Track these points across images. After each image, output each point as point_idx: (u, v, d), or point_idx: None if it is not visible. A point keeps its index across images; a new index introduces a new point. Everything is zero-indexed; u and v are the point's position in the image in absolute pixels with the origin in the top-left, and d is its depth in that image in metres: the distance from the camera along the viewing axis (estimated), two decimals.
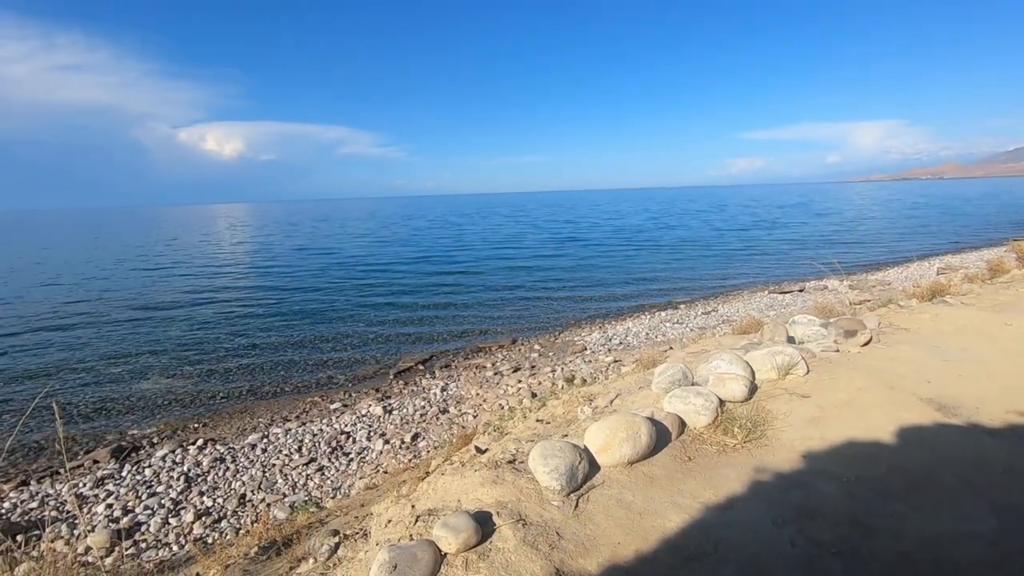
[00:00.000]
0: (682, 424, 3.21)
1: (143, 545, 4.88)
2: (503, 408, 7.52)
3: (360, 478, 6.00)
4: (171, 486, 5.86)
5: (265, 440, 6.86)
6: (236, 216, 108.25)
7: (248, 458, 6.41)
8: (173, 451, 6.69)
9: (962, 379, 3.89)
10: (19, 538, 4.94)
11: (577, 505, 2.51)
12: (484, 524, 2.32)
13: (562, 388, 7.60)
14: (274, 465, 6.26)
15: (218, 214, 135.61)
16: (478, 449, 3.43)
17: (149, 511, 5.40)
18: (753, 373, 3.80)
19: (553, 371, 8.98)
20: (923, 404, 3.47)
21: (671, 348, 8.96)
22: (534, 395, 7.81)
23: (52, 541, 4.99)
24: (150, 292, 18.06)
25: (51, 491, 5.83)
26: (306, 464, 6.26)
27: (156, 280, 20.96)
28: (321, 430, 7.09)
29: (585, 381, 7.20)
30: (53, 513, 5.45)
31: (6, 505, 5.56)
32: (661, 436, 3.01)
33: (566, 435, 3.32)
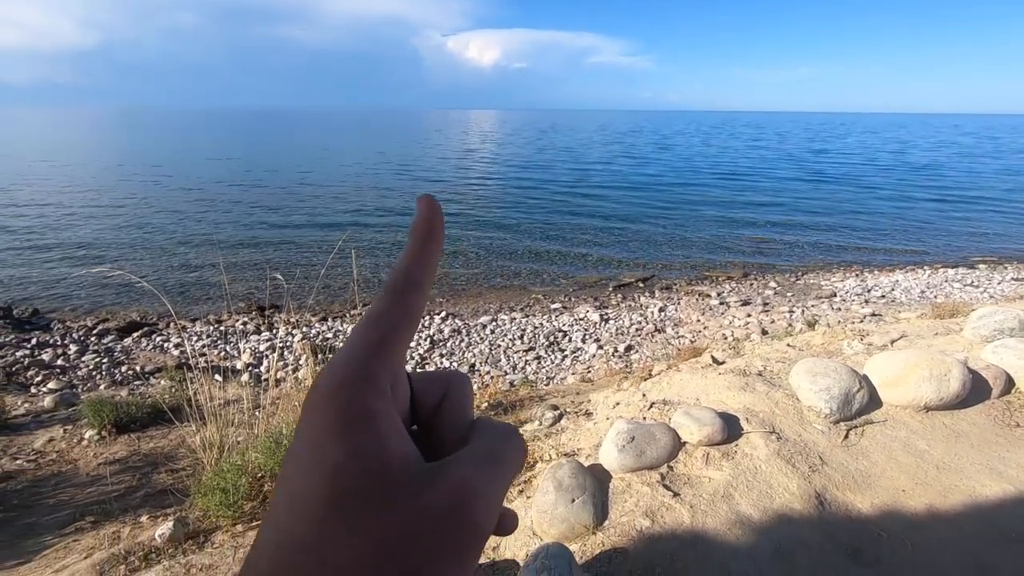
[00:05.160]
0: (1009, 382, 2.43)
1: None
2: (726, 339, 6.95)
3: (572, 374, 6.27)
4: (420, 344, 6.95)
5: (494, 323, 7.60)
6: (489, 123, 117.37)
7: (480, 335, 7.21)
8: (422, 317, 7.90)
9: None
10: (319, 355, 6.46)
11: (847, 436, 2.11)
12: (730, 425, 2.11)
13: (800, 331, 6.65)
14: (499, 346, 6.93)
15: (472, 119, 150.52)
16: (715, 359, 3.15)
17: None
18: None
19: (791, 312, 7.91)
20: None
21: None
22: (764, 332, 7.02)
23: None
24: (411, 184, 21.34)
25: (340, 328, 7.44)
26: (526, 351, 6.77)
27: (413, 173, 24.75)
28: (541, 324, 7.55)
29: (830, 327, 6.14)
30: (338, 344, 6.97)
31: (312, 331, 7.30)
32: (976, 388, 2.33)
33: None
